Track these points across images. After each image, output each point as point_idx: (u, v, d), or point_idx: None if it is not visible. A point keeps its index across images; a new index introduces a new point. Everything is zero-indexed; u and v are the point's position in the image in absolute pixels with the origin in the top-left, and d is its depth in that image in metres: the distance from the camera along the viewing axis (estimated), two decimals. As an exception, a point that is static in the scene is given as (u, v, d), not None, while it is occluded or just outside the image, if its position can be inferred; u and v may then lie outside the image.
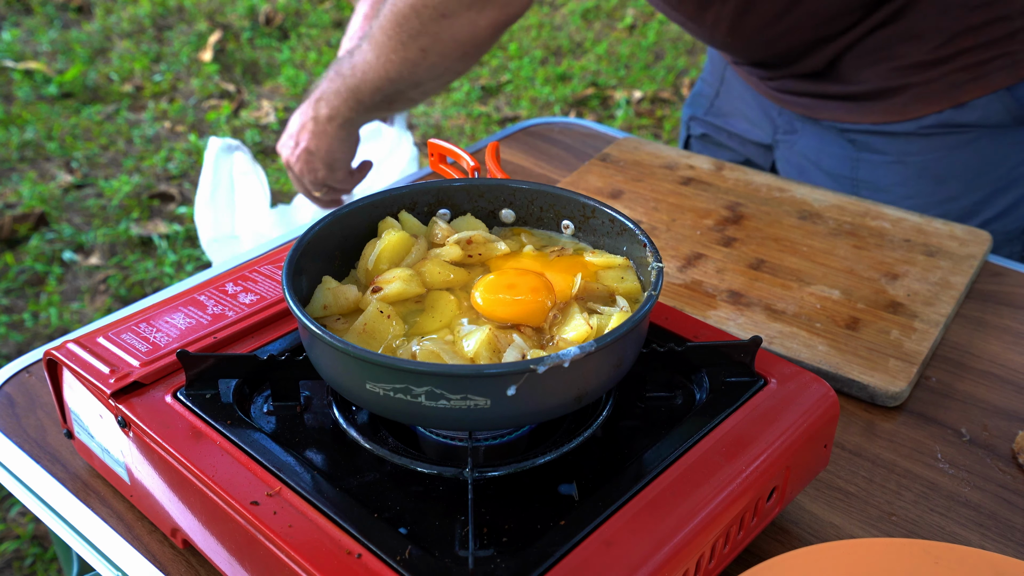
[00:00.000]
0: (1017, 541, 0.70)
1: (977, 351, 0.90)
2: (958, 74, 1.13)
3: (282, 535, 0.54)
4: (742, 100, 1.36)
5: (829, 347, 0.86)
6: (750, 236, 1.03)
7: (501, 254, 0.71)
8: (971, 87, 1.13)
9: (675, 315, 0.75)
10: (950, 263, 0.98)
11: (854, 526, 0.71)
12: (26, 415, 0.81)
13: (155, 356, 0.68)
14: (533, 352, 0.59)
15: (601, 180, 1.15)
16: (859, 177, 1.22)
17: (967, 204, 1.19)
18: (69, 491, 0.73)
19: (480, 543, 0.55)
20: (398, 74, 1.12)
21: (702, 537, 0.57)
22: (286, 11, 4.08)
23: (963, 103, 1.14)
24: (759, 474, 0.61)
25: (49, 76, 3.52)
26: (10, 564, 1.74)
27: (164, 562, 0.67)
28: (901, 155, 1.19)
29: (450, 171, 0.81)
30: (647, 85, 3.51)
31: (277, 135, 3.23)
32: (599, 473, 0.61)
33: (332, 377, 0.60)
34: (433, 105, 3.45)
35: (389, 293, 0.64)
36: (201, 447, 0.61)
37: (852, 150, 1.22)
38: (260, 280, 0.78)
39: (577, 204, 0.72)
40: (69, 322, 2.34)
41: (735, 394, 0.67)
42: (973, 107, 1.14)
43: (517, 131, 1.34)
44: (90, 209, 2.80)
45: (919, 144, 1.18)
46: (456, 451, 0.63)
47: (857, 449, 0.79)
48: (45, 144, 3.12)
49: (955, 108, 1.14)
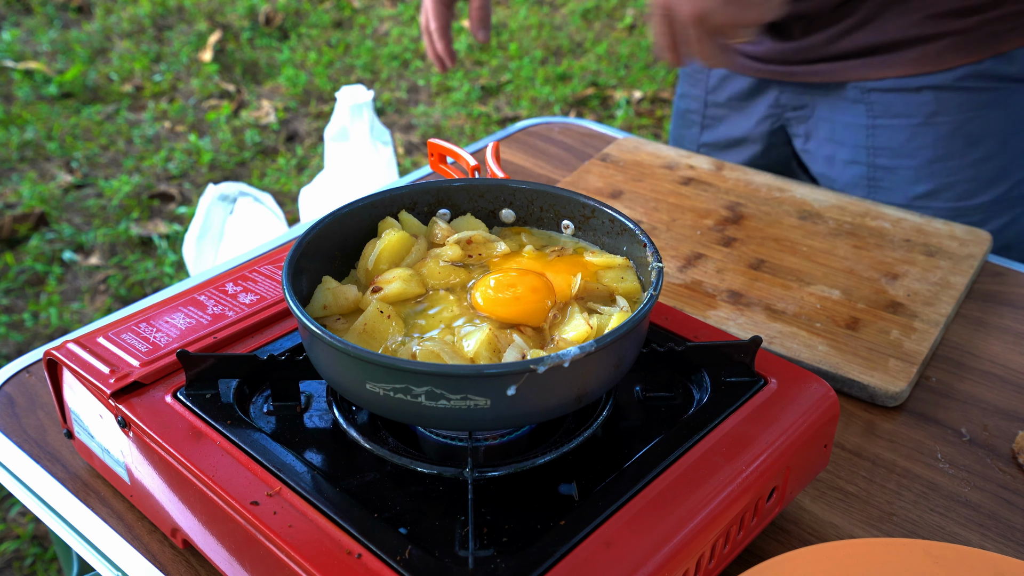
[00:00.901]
0: (1017, 541, 0.70)
1: (977, 351, 0.90)
2: (999, 23, 1.08)
3: (282, 535, 0.54)
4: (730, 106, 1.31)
5: (829, 347, 0.86)
6: (750, 236, 1.03)
7: (501, 254, 0.70)
8: (1012, 36, 1.08)
9: (675, 315, 0.75)
10: (950, 263, 0.98)
11: (854, 526, 0.71)
12: (26, 415, 0.81)
13: (155, 356, 0.68)
14: (533, 352, 0.59)
15: (601, 180, 1.15)
16: (876, 145, 1.17)
17: (1000, 164, 1.14)
18: (69, 491, 0.73)
19: (480, 543, 0.55)
20: None
21: (702, 537, 0.57)
22: (286, 11, 4.08)
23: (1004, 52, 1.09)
24: (759, 474, 0.61)
25: (49, 76, 3.52)
26: (10, 564, 1.74)
27: (164, 562, 0.67)
28: (928, 116, 1.13)
29: (450, 171, 0.81)
30: (647, 85, 3.51)
31: (277, 135, 3.23)
32: (599, 473, 0.61)
33: (332, 377, 0.60)
34: (433, 105, 3.45)
35: (389, 293, 0.64)
36: (201, 447, 0.61)
37: (867, 117, 1.16)
38: (260, 280, 0.78)
39: (577, 204, 0.72)
40: (69, 322, 2.34)
41: (735, 394, 0.67)
42: (1014, 57, 1.09)
43: (517, 131, 1.34)
44: (90, 209, 2.80)
45: (952, 100, 1.12)
46: (456, 451, 0.63)
47: (857, 449, 0.79)
48: (45, 144, 3.12)
49: (996, 58, 1.09)
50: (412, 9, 4.16)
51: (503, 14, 4.13)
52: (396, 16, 4.13)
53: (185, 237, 1.64)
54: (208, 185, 1.52)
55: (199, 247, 1.56)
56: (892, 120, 1.15)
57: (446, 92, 3.53)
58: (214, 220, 1.56)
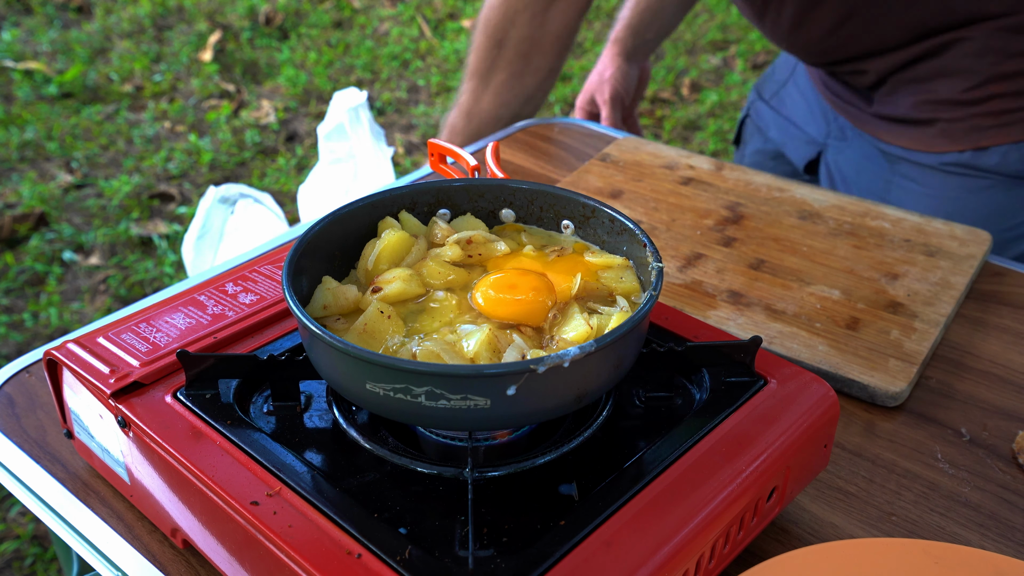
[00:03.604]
0: (1017, 541, 0.70)
1: (977, 351, 0.90)
2: (984, 118, 1.17)
3: (282, 535, 0.54)
4: (804, 98, 1.40)
5: (829, 347, 0.86)
6: (750, 236, 1.03)
7: (501, 254, 0.70)
8: (994, 133, 1.17)
9: (675, 315, 0.75)
10: (950, 263, 0.98)
11: (854, 526, 0.71)
12: (26, 415, 0.81)
13: (155, 356, 0.68)
14: (533, 352, 0.59)
15: (601, 180, 1.15)
16: (890, 200, 1.26)
17: None
18: (69, 491, 0.73)
19: (480, 543, 0.55)
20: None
21: (702, 537, 0.57)
22: (286, 11, 4.08)
23: (984, 147, 1.18)
24: (759, 474, 0.61)
25: (49, 76, 3.52)
26: (10, 564, 1.74)
27: (164, 562, 0.67)
28: (926, 186, 1.23)
29: (450, 171, 0.81)
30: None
31: (277, 135, 3.23)
32: (599, 473, 0.61)
33: (332, 377, 0.60)
34: (433, 105, 3.45)
35: (389, 293, 0.64)
36: (201, 447, 0.61)
37: (888, 171, 1.26)
38: (260, 280, 0.78)
39: (577, 204, 0.72)
40: (69, 322, 2.34)
41: (735, 394, 0.67)
42: (992, 153, 1.17)
43: (517, 131, 1.34)
44: (90, 209, 2.80)
45: (940, 180, 1.22)
46: (456, 451, 0.63)
47: (857, 449, 0.79)
48: (45, 144, 3.12)
49: (975, 151, 1.18)
50: (412, 9, 4.16)
51: (503, 14, 4.12)
52: (396, 16, 4.13)
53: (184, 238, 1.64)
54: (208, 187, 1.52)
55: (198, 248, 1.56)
56: (904, 181, 1.26)
57: (446, 92, 3.53)
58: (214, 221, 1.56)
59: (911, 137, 1.23)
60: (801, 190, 1.12)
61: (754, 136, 1.51)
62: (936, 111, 1.19)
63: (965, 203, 1.21)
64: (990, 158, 1.18)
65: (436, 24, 4.07)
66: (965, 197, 1.21)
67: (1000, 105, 1.16)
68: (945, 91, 1.18)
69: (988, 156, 1.18)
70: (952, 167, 1.20)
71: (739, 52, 3.76)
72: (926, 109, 1.20)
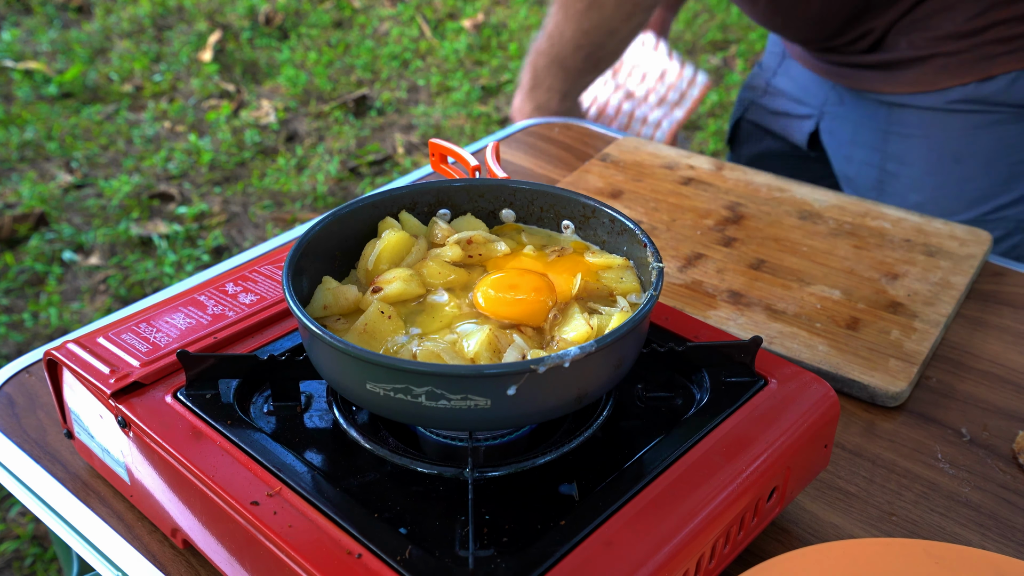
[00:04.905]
0: (1017, 541, 0.70)
1: (977, 351, 0.90)
2: (991, 46, 1.14)
3: (282, 535, 0.54)
4: (795, 82, 1.41)
5: (829, 347, 0.86)
6: (750, 236, 1.03)
7: (501, 254, 0.70)
8: (1003, 60, 1.14)
9: (675, 315, 0.75)
10: (950, 263, 0.98)
11: (854, 526, 0.71)
12: (26, 415, 0.81)
13: (155, 356, 0.68)
14: (533, 352, 0.59)
15: (601, 180, 1.15)
16: (888, 150, 1.24)
17: (983, 186, 1.20)
18: (69, 491, 0.73)
19: (480, 543, 0.55)
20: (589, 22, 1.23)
21: (702, 537, 0.57)
22: (286, 11, 4.08)
23: (991, 76, 1.15)
24: (759, 474, 0.61)
25: (49, 76, 3.52)
26: (10, 564, 1.74)
27: (164, 562, 0.67)
28: (927, 131, 1.21)
29: (450, 171, 0.81)
30: (647, 85, 3.50)
31: (277, 135, 3.23)
32: (599, 473, 0.61)
33: (332, 377, 0.60)
34: (433, 105, 3.45)
35: (389, 293, 0.64)
36: (201, 447, 0.61)
37: (885, 123, 1.25)
38: (260, 280, 0.78)
39: (577, 204, 0.72)
40: (69, 322, 2.34)
41: (735, 394, 0.67)
42: (1000, 81, 1.15)
43: (517, 131, 1.34)
44: (90, 209, 2.80)
45: (943, 120, 1.19)
46: (456, 451, 0.63)
47: (857, 449, 0.79)
48: (45, 144, 3.12)
49: (981, 82, 1.16)
50: (412, 9, 4.16)
51: (503, 14, 4.13)
52: (396, 16, 4.13)
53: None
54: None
55: None
56: (902, 129, 1.23)
57: (446, 92, 3.53)
58: None
59: (912, 80, 1.21)
60: (801, 190, 1.12)
61: (751, 136, 1.51)
62: (937, 46, 1.17)
63: (971, 141, 1.19)
64: (997, 87, 1.16)
65: (436, 24, 4.08)
66: (971, 135, 1.19)
67: (1005, 31, 1.14)
68: (947, 25, 1.15)
69: (995, 84, 1.16)
70: (957, 104, 1.18)
71: (739, 52, 3.76)
72: (927, 46, 1.18)
